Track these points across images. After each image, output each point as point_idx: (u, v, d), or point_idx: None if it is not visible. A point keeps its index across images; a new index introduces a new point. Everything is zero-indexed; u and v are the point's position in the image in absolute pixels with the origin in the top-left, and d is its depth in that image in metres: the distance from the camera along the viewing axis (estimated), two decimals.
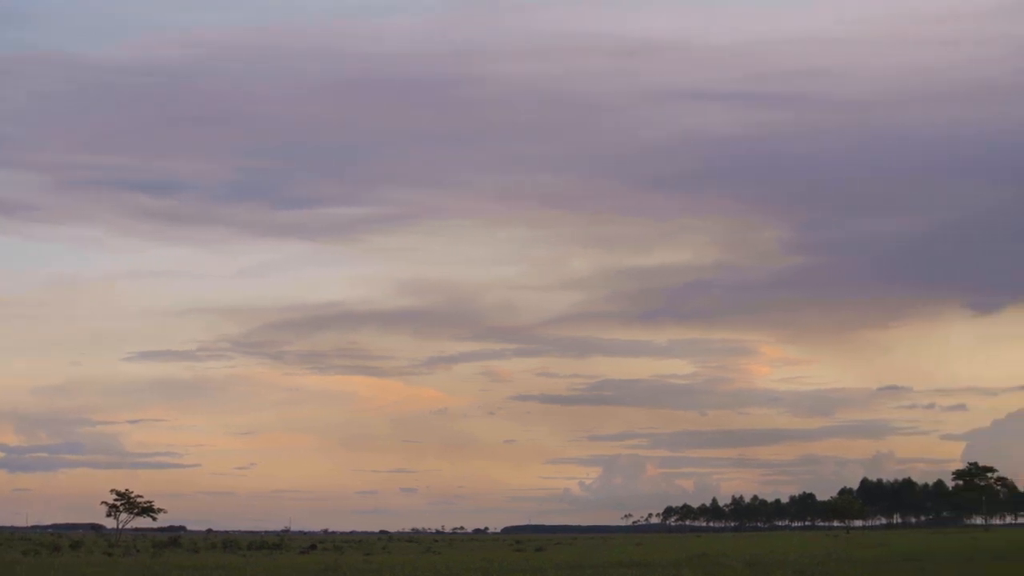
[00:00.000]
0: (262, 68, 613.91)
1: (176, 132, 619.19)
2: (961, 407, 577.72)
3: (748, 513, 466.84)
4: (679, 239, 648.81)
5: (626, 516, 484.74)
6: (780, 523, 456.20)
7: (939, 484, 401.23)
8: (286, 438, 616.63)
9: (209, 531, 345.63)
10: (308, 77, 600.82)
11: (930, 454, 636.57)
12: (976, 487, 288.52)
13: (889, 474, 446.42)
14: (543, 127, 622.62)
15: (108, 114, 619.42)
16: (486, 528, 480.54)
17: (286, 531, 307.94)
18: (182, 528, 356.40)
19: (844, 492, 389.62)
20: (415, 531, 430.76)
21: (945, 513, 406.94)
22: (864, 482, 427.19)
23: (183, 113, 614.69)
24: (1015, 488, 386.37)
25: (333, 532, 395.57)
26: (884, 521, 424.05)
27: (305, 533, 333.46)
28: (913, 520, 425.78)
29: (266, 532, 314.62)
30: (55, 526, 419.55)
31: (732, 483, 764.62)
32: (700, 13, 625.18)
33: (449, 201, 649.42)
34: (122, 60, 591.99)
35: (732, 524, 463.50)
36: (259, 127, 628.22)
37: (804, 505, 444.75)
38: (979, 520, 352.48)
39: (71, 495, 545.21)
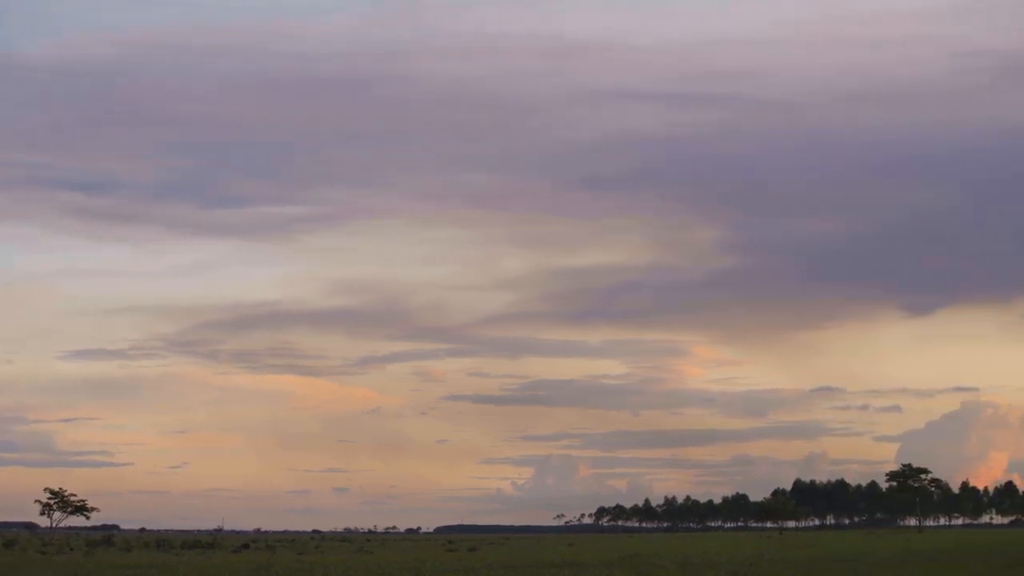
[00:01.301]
0: (194, 67, 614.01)
1: (110, 131, 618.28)
2: (895, 408, 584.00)
3: (681, 514, 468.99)
4: (611, 239, 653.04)
5: (558, 516, 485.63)
6: (713, 524, 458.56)
7: (873, 485, 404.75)
8: (219, 437, 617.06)
9: (142, 530, 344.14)
10: (240, 77, 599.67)
11: (864, 455, 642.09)
12: (910, 488, 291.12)
13: (822, 475, 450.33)
14: (474, 127, 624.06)
15: (41, 113, 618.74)
16: (419, 528, 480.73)
17: (219, 530, 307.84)
18: (115, 527, 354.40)
19: (777, 493, 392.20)
20: (348, 531, 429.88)
21: (879, 514, 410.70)
22: (797, 483, 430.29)
23: (117, 112, 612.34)
24: (949, 490, 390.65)
25: (266, 531, 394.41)
26: (817, 522, 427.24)
27: (238, 532, 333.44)
28: (847, 521, 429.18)
29: (199, 531, 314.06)
30: None
31: (665, 483, 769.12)
32: (631, 13, 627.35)
33: (381, 201, 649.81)
34: (55, 59, 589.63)
35: (665, 524, 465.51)
36: (192, 126, 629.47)
37: (737, 506, 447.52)
38: (913, 521, 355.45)
39: (4, 494, 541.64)
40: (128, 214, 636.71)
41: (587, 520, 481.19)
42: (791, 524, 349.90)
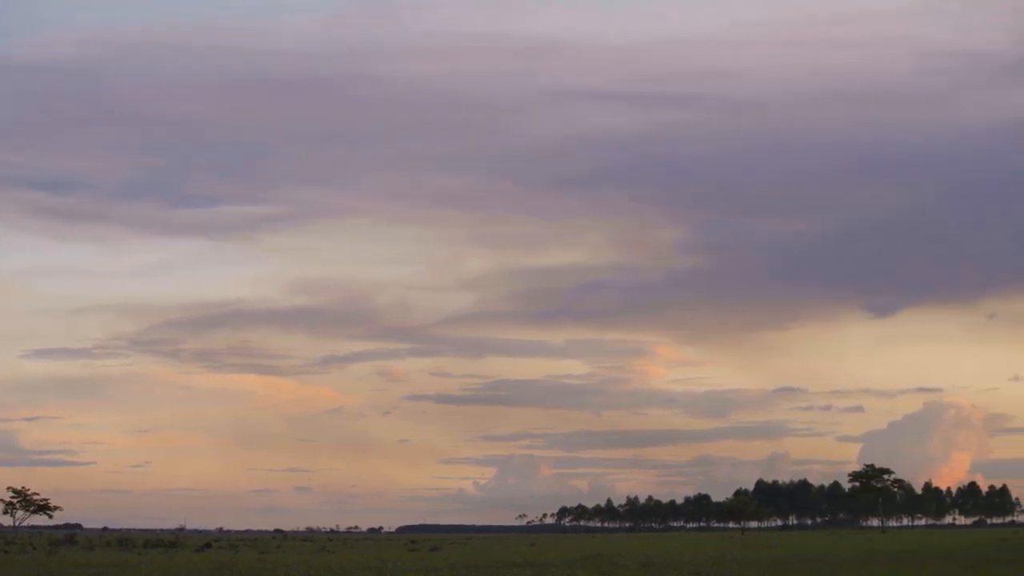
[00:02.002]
0: (159, 66, 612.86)
1: (74, 130, 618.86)
2: (857, 409, 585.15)
3: (643, 514, 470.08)
4: (575, 239, 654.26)
5: (520, 516, 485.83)
6: (675, 524, 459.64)
7: (835, 486, 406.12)
8: (181, 436, 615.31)
9: (105, 529, 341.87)
10: (206, 76, 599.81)
11: (826, 456, 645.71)
12: (872, 489, 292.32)
13: (785, 475, 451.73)
14: (440, 127, 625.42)
15: (6, 111, 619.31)
16: (380, 528, 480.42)
17: (181, 529, 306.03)
18: (78, 526, 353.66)
19: (739, 493, 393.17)
20: (310, 530, 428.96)
21: (841, 515, 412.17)
22: (760, 483, 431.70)
23: (82, 111, 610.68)
24: (912, 490, 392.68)
25: (228, 531, 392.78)
26: (780, 523, 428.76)
27: (200, 531, 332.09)
28: (809, 522, 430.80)
29: (161, 530, 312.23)
30: None
31: (627, 484, 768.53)
32: (598, 14, 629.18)
33: (345, 200, 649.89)
34: (22, 58, 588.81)
35: (627, 524, 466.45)
36: (156, 125, 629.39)
37: (699, 506, 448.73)
38: (876, 522, 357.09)
39: None
40: (92, 213, 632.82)
41: (549, 520, 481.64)
42: (753, 524, 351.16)
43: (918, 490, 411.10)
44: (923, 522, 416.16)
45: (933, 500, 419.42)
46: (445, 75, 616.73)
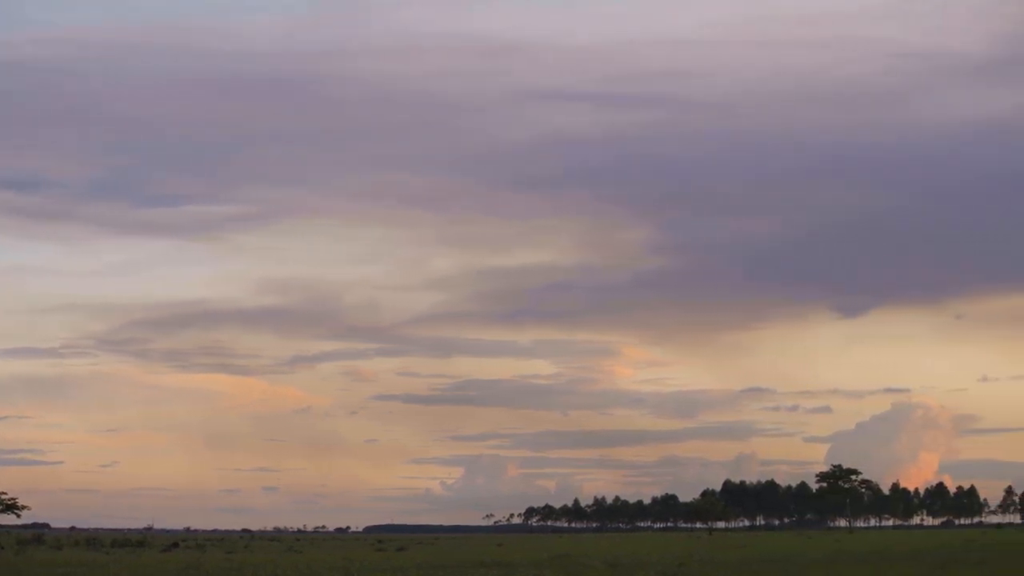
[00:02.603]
0: (127, 65, 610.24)
1: (42, 129, 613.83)
2: (825, 409, 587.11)
3: (610, 514, 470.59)
4: (542, 239, 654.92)
5: (488, 516, 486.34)
6: (642, 524, 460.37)
7: (803, 486, 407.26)
8: (149, 436, 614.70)
9: (73, 528, 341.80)
10: (173, 75, 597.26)
11: (794, 456, 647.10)
12: (840, 489, 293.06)
13: (752, 476, 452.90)
14: (406, 127, 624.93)
15: None
16: (348, 527, 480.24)
17: (149, 529, 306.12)
18: (46, 525, 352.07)
19: (707, 493, 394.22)
20: (277, 530, 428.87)
21: (809, 515, 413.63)
22: (727, 484, 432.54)
23: (49, 110, 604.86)
24: (879, 491, 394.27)
25: (195, 530, 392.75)
26: (747, 523, 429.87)
27: (168, 531, 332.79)
28: (776, 522, 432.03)
29: (129, 530, 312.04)
30: None
31: (594, 484, 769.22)
32: (563, 14, 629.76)
33: (312, 200, 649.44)
34: None
35: (594, 525, 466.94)
36: (124, 124, 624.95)
37: (666, 506, 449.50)
38: (843, 523, 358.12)
39: None
40: (59, 213, 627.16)
41: (516, 520, 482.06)
42: (721, 525, 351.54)
43: (886, 491, 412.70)
44: (891, 523, 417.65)
45: (901, 501, 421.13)
46: (410, 75, 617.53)
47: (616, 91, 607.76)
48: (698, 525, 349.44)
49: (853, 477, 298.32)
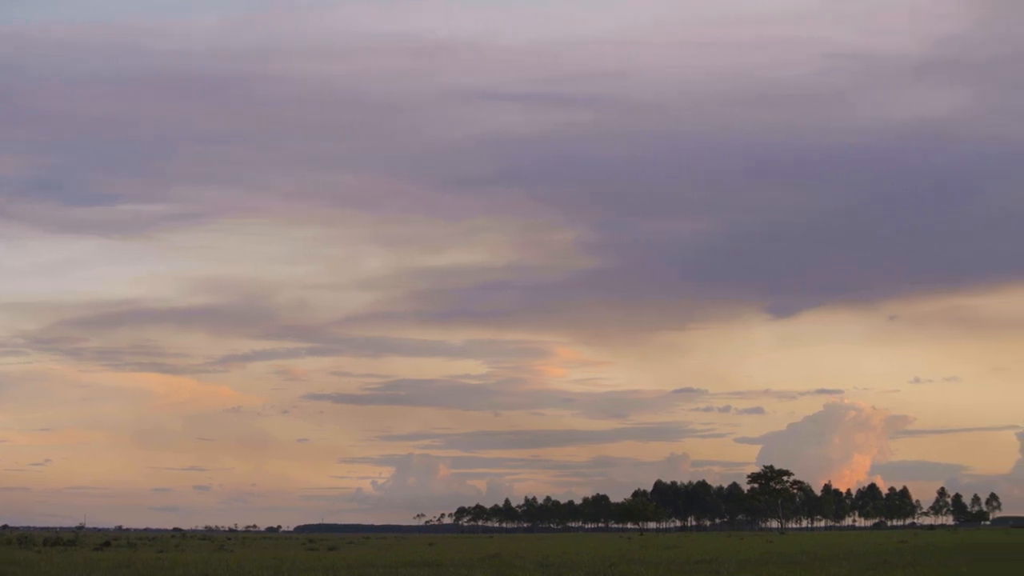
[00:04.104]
0: (60, 64, 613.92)
1: None
2: (757, 410, 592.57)
3: (541, 514, 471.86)
4: (474, 239, 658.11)
5: (419, 516, 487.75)
6: (573, 525, 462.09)
7: (734, 487, 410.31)
8: (82, 435, 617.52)
9: (4, 527, 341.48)
10: (107, 74, 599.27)
11: (726, 457, 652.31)
12: (772, 490, 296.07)
13: (684, 477, 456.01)
14: (339, 126, 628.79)
15: None
16: (279, 527, 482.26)
17: (81, 528, 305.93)
18: None
19: (638, 494, 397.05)
20: (208, 529, 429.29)
21: (740, 516, 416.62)
22: (658, 484, 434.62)
23: None
24: (811, 492, 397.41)
25: (128, 529, 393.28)
26: (678, 524, 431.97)
27: (100, 530, 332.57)
28: (708, 523, 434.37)
29: (61, 528, 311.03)
30: None
31: (525, 484, 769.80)
32: (498, 13, 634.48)
33: (244, 199, 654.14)
34: None
35: (525, 525, 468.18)
36: (56, 123, 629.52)
37: (597, 507, 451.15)
38: (775, 524, 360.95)
39: None
40: None
41: (447, 520, 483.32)
42: (652, 526, 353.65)
43: (818, 492, 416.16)
44: (823, 524, 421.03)
45: (833, 502, 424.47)
46: (344, 75, 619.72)
47: (550, 91, 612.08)
48: (629, 526, 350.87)
49: (785, 478, 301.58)
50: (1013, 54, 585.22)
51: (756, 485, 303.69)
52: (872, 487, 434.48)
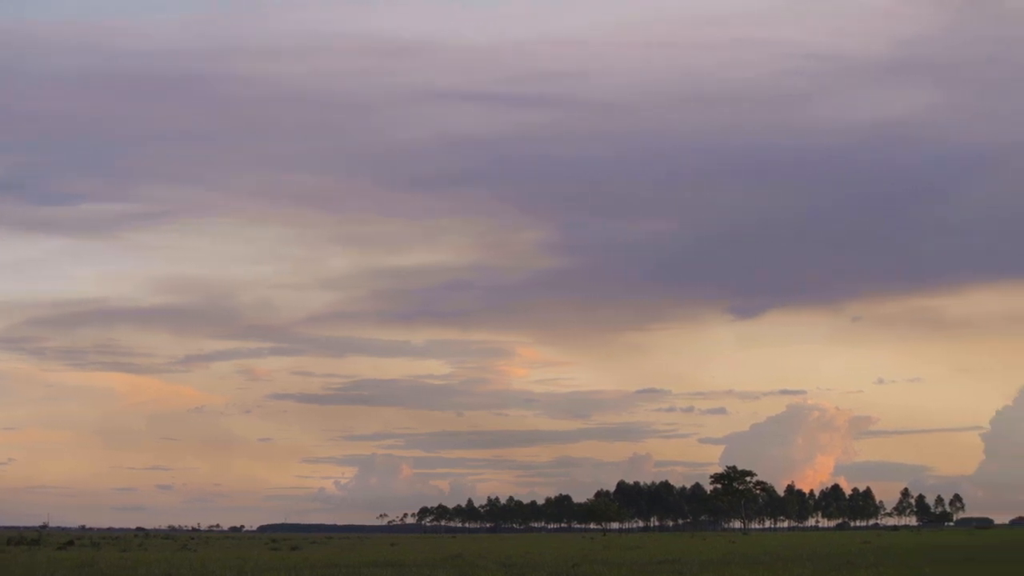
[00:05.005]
0: (22, 63, 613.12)
1: None
2: (720, 411, 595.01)
3: (504, 514, 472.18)
4: (437, 240, 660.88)
5: (381, 516, 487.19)
6: (536, 525, 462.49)
7: (697, 488, 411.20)
8: (45, 434, 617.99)
9: None
10: (69, 73, 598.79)
11: (688, 457, 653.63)
12: (734, 491, 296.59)
13: (646, 477, 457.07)
14: (302, 126, 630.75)
15: None
16: (242, 526, 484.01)
17: (44, 527, 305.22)
18: None
19: (601, 494, 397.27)
20: (172, 528, 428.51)
21: (703, 517, 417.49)
22: (621, 484, 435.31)
23: None
24: (774, 492, 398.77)
25: (91, 528, 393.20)
26: (641, 524, 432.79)
27: (63, 529, 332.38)
28: (671, 524, 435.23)
29: (24, 527, 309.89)
30: None
31: (488, 484, 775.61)
32: (461, 14, 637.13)
33: (208, 199, 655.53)
34: None
35: (488, 525, 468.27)
36: (20, 122, 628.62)
37: (560, 507, 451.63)
38: (738, 524, 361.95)
39: None
40: None
41: (410, 520, 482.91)
42: (615, 526, 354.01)
43: (781, 492, 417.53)
44: (786, 525, 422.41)
45: (796, 503, 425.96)
46: (307, 75, 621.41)
47: (514, 91, 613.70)
48: (592, 526, 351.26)
49: (748, 479, 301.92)
50: (975, 56, 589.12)
51: (719, 486, 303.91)
52: (835, 488, 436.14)
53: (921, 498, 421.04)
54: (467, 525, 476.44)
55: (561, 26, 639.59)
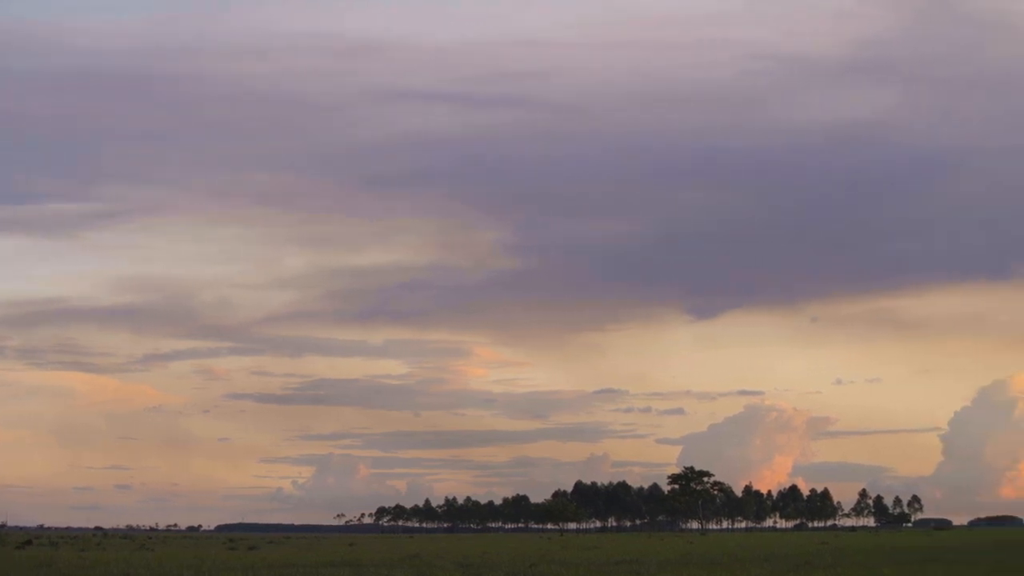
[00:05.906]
0: None
1: None
2: (678, 411, 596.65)
3: (461, 514, 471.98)
4: (395, 239, 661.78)
5: (339, 516, 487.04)
6: (493, 525, 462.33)
7: (655, 488, 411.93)
8: (3, 433, 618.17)
9: None
10: (27, 72, 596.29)
11: (646, 458, 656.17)
12: (692, 491, 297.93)
13: (604, 477, 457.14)
14: (260, 126, 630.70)
15: None
16: (200, 526, 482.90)
17: (2, 526, 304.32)
18: None
19: (558, 495, 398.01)
20: (130, 528, 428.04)
21: (661, 517, 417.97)
22: (578, 485, 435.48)
23: None
24: (732, 493, 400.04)
25: (49, 528, 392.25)
26: (598, 524, 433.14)
27: (21, 528, 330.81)
28: (628, 524, 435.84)
29: None
30: None
31: (445, 484, 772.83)
32: (421, 13, 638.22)
33: (166, 199, 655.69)
34: None
35: (445, 525, 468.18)
36: None
37: (518, 507, 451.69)
38: (695, 525, 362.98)
39: None
40: None
41: (367, 520, 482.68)
42: (572, 526, 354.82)
43: (739, 493, 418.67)
44: (743, 525, 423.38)
45: (754, 503, 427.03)
46: (267, 74, 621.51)
47: (472, 91, 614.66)
48: (549, 526, 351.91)
49: (705, 479, 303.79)
50: (935, 56, 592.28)
51: (676, 486, 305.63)
52: (793, 488, 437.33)
53: (879, 499, 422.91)
54: (424, 525, 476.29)
55: (522, 26, 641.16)
